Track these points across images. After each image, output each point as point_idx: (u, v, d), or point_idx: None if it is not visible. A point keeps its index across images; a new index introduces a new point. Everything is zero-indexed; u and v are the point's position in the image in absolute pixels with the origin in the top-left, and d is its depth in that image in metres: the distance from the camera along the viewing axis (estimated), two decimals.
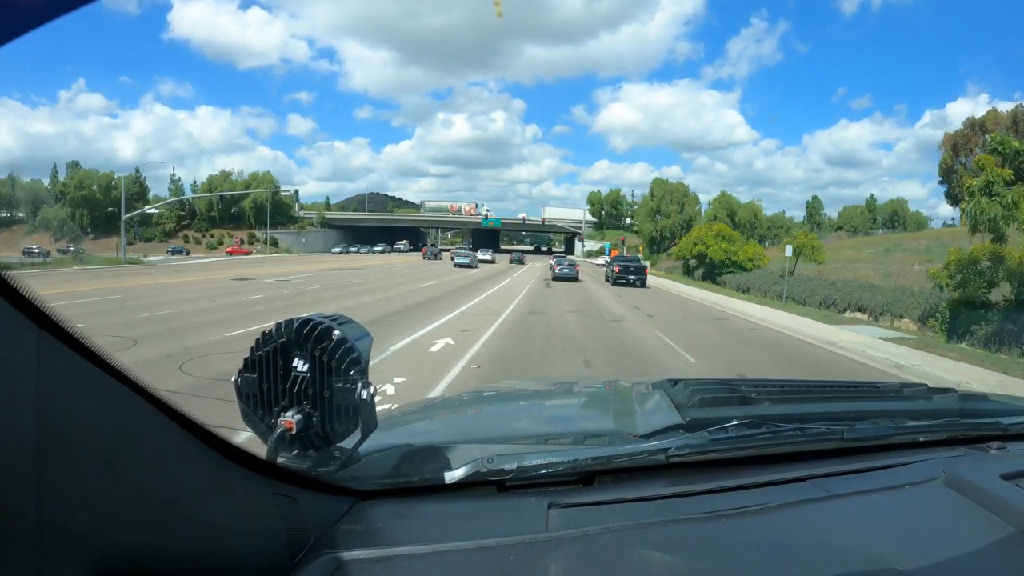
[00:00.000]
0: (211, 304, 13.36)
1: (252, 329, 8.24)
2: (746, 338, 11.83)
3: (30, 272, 22.22)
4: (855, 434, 1.08)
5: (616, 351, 9.28)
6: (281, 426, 0.81)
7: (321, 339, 0.83)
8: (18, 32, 0.45)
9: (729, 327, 13.52)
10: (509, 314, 13.42)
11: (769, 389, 1.32)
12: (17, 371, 0.44)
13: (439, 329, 10.53)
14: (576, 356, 8.50)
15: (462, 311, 13.76)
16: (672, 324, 13.12)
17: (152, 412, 0.55)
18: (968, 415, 1.27)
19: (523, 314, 13.60)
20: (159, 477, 0.56)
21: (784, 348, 10.85)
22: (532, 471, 0.91)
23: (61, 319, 0.48)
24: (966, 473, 0.99)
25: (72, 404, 0.48)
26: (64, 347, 0.48)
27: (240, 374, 0.85)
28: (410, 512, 0.85)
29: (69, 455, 0.47)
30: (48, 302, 0.47)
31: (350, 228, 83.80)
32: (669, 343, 10.14)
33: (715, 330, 12.81)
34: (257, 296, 15.63)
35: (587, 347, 9.32)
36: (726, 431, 1.03)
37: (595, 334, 10.91)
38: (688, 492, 0.92)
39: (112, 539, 0.51)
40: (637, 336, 10.94)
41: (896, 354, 9.81)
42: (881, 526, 0.85)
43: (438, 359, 7.81)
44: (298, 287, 19.49)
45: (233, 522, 0.66)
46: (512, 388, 2.48)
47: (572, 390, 2.13)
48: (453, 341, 9.20)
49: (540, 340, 9.89)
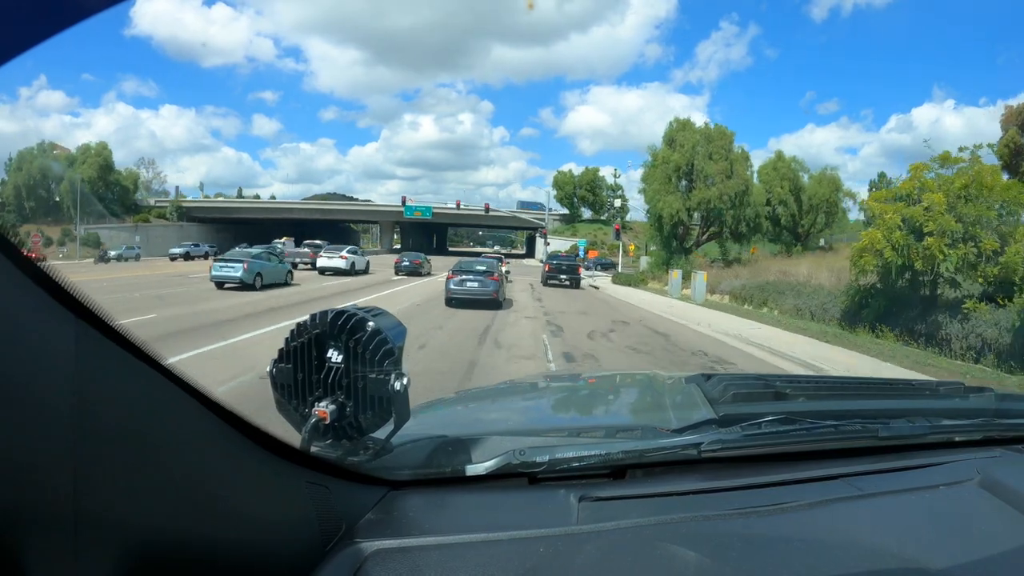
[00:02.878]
0: None
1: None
2: None
3: None
4: (890, 432, 1.06)
5: None
6: (315, 416, 0.82)
7: (355, 330, 0.83)
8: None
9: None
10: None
11: (803, 385, 1.33)
12: (56, 360, 0.44)
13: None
14: None
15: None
16: None
17: (188, 401, 0.56)
18: (1004, 415, 1.23)
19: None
20: (194, 465, 0.57)
21: None
22: (563, 464, 0.91)
23: (99, 309, 0.48)
24: (1001, 475, 0.97)
25: (109, 393, 0.49)
26: (102, 337, 0.48)
27: (275, 364, 0.86)
28: (441, 503, 0.86)
29: (106, 443, 0.47)
30: (86, 293, 0.47)
31: (223, 222, 59.72)
32: None
33: None
34: None
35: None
36: (759, 427, 1.01)
37: None
38: (720, 488, 0.91)
39: (148, 527, 0.52)
40: None
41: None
42: (914, 526, 0.85)
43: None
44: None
45: (267, 510, 0.67)
46: (546, 380, 2.57)
47: (606, 383, 2.12)
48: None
49: None
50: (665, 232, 29.83)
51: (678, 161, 28.71)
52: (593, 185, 66.52)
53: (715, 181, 28.40)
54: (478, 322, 11.24)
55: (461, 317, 11.91)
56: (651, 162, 30.12)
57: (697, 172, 28.60)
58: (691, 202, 28.69)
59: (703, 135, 29.10)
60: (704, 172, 28.42)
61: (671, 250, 29.98)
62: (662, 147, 29.99)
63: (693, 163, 28.60)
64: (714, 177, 28.40)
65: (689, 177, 28.88)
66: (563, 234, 62.34)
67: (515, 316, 12.78)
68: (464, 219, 66.23)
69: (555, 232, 61.42)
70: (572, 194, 66.65)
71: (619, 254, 32.66)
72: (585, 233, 61.46)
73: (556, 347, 8.85)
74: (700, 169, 28.43)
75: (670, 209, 28.14)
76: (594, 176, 66.97)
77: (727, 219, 28.65)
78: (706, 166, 28.34)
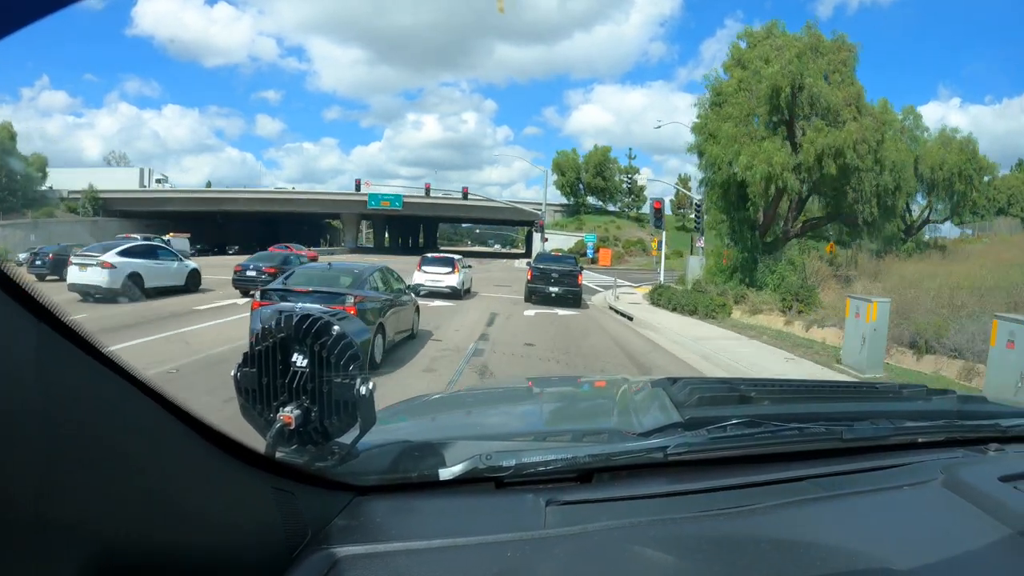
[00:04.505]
0: None
1: None
2: None
3: None
4: (853, 434, 1.07)
5: None
6: (280, 421, 0.81)
7: (320, 334, 0.83)
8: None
9: None
10: None
11: (768, 389, 1.35)
12: (16, 363, 0.44)
13: None
14: None
15: None
16: None
17: (151, 405, 0.56)
18: (967, 416, 1.25)
19: None
20: (158, 471, 0.56)
21: None
22: (530, 468, 0.91)
23: (60, 311, 0.47)
24: (964, 475, 0.98)
25: (70, 397, 0.48)
26: (63, 339, 0.47)
27: (239, 368, 0.85)
28: (408, 508, 0.85)
29: (67, 448, 0.46)
30: (47, 294, 0.47)
31: (155, 216, 48.24)
32: None
33: None
34: None
35: None
36: (725, 430, 1.02)
37: None
38: (686, 491, 0.92)
39: (112, 533, 0.51)
40: None
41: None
42: (879, 526, 0.85)
43: None
44: None
45: (232, 516, 0.66)
46: (511, 385, 2.57)
47: (573, 388, 2.12)
48: None
49: None
50: (745, 214, 17.45)
51: (774, 80, 15.17)
52: (602, 168, 53.84)
53: (843, 118, 15.24)
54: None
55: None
56: (712, 98, 17.37)
57: (804, 102, 15.43)
58: (805, 156, 15.03)
59: (808, 44, 16.01)
60: (821, 101, 15.28)
61: (750, 246, 17.79)
62: (730, 76, 17.65)
63: (801, 84, 15.16)
64: (840, 111, 15.29)
65: (789, 113, 15.68)
66: (566, 228, 49.58)
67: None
68: (441, 210, 53.63)
69: (556, 226, 49.05)
70: (576, 179, 54.14)
71: (660, 251, 20.10)
72: (593, 227, 49.04)
73: None
74: (813, 96, 15.27)
75: (764, 168, 14.86)
76: (604, 157, 53.97)
77: (861, 185, 15.85)
78: (823, 91, 15.31)
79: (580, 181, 53.90)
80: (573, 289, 15.58)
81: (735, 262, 18.21)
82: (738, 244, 18.42)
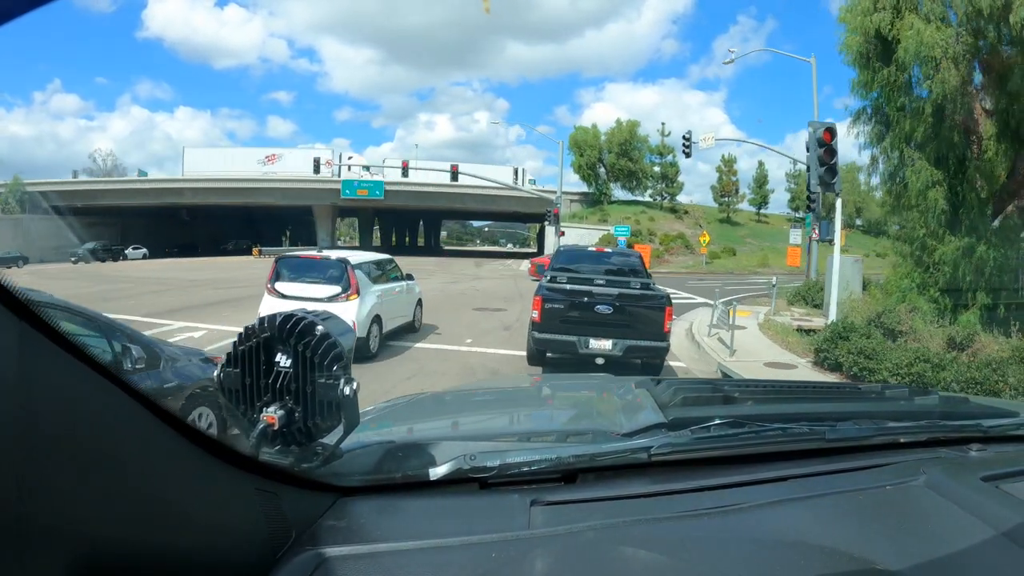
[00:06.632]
0: None
1: None
2: None
3: None
4: (836, 434, 1.08)
5: None
6: (263, 421, 0.81)
7: (304, 334, 0.83)
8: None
9: None
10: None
11: (751, 389, 1.38)
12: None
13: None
14: None
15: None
16: None
17: (133, 406, 0.56)
18: (949, 417, 1.25)
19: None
20: (141, 472, 0.56)
21: None
22: (514, 468, 0.91)
23: (42, 311, 0.47)
24: (946, 475, 0.98)
25: (53, 398, 0.48)
26: (45, 340, 0.47)
27: (222, 369, 0.85)
28: (392, 508, 0.86)
29: (50, 449, 0.46)
30: (28, 293, 0.46)
31: (100, 212, 40.93)
32: None
33: None
34: None
35: None
36: (708, 430, 1.03)
37: None
38: (670, 491, 0.92)
39: (95, 534, 0.51)
40: None
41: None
42: (862, 526, 0.86)
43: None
44: None
45: (215, 517, 0.66)
46: (496, 386, 2.59)
47: (557, 388, 2.13)
48: None
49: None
50: (974, 174, 8.60)
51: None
52: (627, 147, 44.65)
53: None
54: None
55: None
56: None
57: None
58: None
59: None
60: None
61: (976, 216, 8.84)
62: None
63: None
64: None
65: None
66: (587, 220, 40.30)
67: None
68: (431, 199, 44.40)
69: (574, 218, 39.88)
70: (597, 160, 44.89)
71: (809, 238, 10.83)
72: (622, 218, 39.80)
73: None
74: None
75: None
76: (630, 134, 44.72)
77: None
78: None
79: (602, 162, 44.85)
80: (651, 346, 6.60)
81: (961, 268, 9.16)
82: (958, 231, 9.40)
